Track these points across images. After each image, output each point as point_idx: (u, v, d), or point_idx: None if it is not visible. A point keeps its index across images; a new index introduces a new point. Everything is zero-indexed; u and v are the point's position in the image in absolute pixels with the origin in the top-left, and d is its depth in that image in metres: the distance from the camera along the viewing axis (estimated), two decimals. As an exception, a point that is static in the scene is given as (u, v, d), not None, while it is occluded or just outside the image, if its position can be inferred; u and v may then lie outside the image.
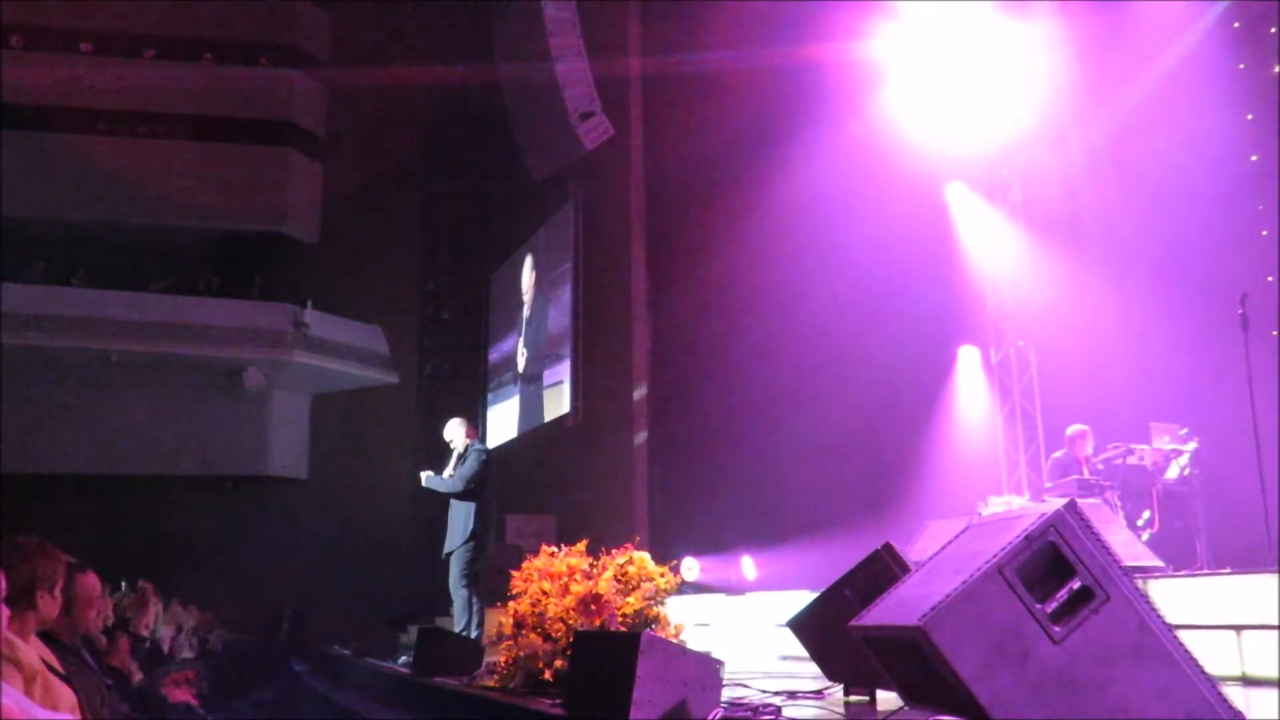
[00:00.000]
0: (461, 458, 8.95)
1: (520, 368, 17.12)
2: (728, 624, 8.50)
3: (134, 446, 18.23)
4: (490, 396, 18.61)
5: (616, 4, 14.11)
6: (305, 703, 10.38)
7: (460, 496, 8.76)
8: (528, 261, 17.18)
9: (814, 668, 4.83)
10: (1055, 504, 2.96)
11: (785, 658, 7.07)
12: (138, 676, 6.39)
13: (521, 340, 17.13)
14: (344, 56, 20.70)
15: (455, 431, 9.15)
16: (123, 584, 11.22)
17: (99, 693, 3.70)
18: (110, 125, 19.53)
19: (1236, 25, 8.71)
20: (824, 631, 4.48)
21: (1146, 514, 8.10)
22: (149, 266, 19.33)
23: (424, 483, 8.99)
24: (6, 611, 2.63)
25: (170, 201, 19.03)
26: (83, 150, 18.83)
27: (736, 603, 8.83)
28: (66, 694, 3.09)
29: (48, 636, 3.47)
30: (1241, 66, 8.59)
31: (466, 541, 8.69)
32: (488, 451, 9.12)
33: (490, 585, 9.47)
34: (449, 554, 8.81)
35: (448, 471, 8.97)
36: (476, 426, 9.22)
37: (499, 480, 17.49)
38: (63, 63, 19.23)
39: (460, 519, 8.80)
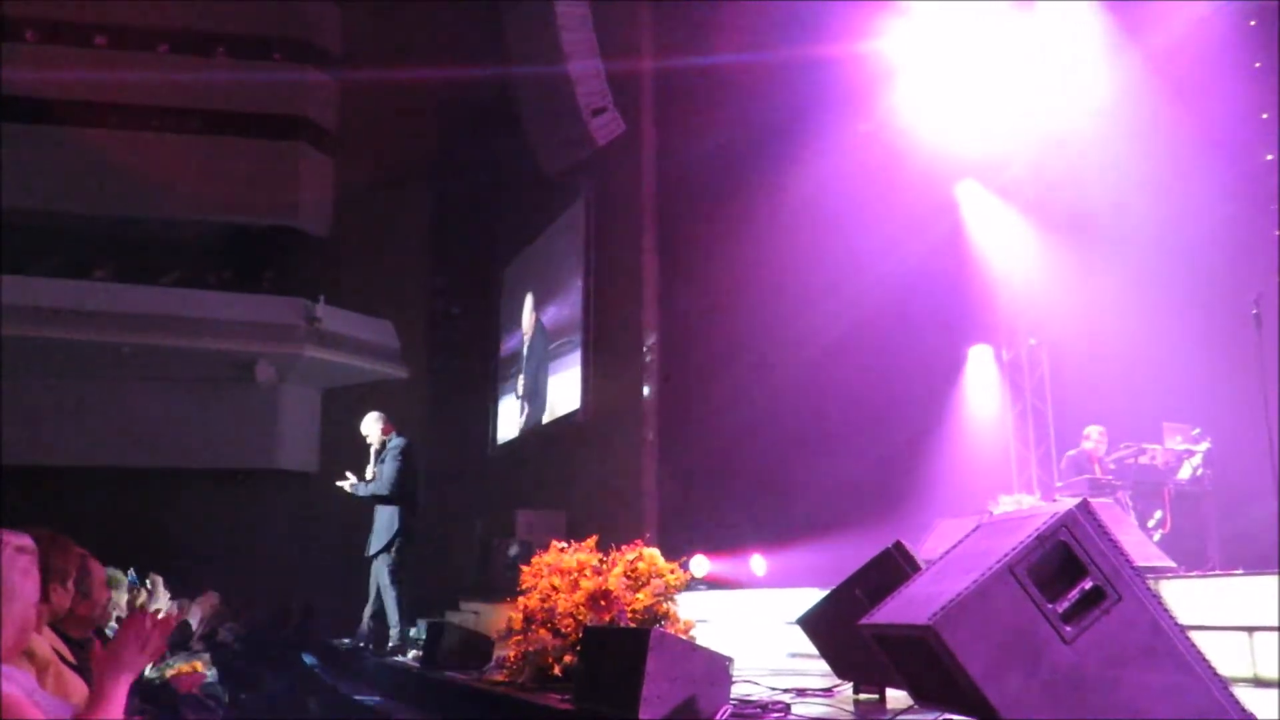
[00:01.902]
0: (380, 456, 8.83)
1: (519, 392, 17.24)
2: (734, 621, 8.49)
3: (145, 440, 18.29)
4: (500, 390, 18.65)
5: (628, 1, 14.10)
6: (315, 695, 10.40)
7: (388, 498, 8.71)
8: (528, 301, 17.28)
9: (823, 665, 4.83)
10: (1067, 503, 2.95)
11: (795, 655, 7.07)
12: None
13: (521, 378, 17.22)
14: (356, 52, 20.74)
15: (372, 427, 9.01)
16: (128, 574, 11.21)
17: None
18: (123, 120, 19.61)
19: (1252, 23, 8.67)
20: (834, 629, 4.47)
21: (1158, 514, 8.09)
22: (161, 260, 19.39)
23: (349, 489, 8.84)
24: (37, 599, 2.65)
25: (182, 195, 19.10)
26: (96, 144, 18.91)
27: (741, 599, 8.81)
28: (79, 685, 3.11)
29: (58, 630, 3.49)
30: (1257, 65, 8.56)
31: (392, 542, 8.72)
32: (407, 447, 8.96)
33: (500, 580, 9.50)
34: (375, 555, 8.80)
35: (369, 471, 8.86)
36: (394, 421, 9.15)
37: (509, 476, 17.56)
38: (76, 57, 19.31)
39: (385, 519, 8.80)
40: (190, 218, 19.58)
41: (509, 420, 17.93)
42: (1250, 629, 4.56)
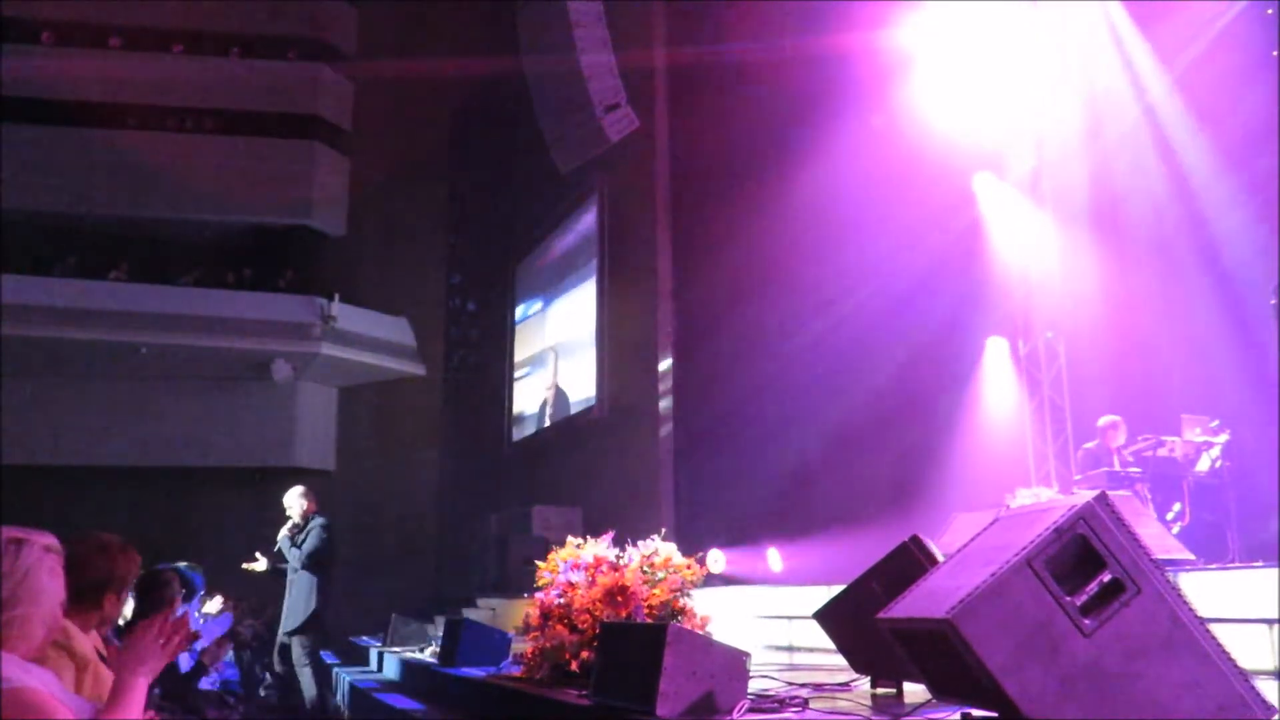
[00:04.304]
0: (299, 529, 8.84)
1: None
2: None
3: (163, 438, 18.40)
4: (515, 388, 18.68)
5: (642, -4, 14.11)
6: (333, 692, 10.46)
7: (305, 569, 8.73)
8: (550, 361, 17.32)
9: (801, 658, 4.82)
10: (1085, 496, 2.94)
11: (769, 647, 7.15)
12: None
13: (549, 419, 17.24)
14: (370, 50, 20.80)
15: (295, 501, 8.95)
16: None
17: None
18: (138, 120, 19.71)
19: (1270, 12, 8.60)
20: (851, 623, 4.47)
21: (1177, 506, 8.03)
22: (178, 259, 19.51)
23: (279, 539, 8.92)
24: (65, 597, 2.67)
25: (197, 195, 19.18)
26: (110, 145, 19.00)
27: (713, 597, 8.77)
28: (116, 683, 3.14)
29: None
30: (1275, 53, 8.48)
31: (308, 620, 8.70)
32: (329, 524, 9.00)
33: (517, 576, 9.51)
34: (290, 633, 8.77)
35: (281, 545, 8.89)
36: (318, 498, 9.17)
37: (525, 472, 17.61)
38: (91, 58, 19.40)
39: (303, 595, 8.76)
40: (206, 217, 19.68)
41: (525, 417, 17.98)
42: (1271, 621, 4.53)
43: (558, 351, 16.94)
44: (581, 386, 15.22)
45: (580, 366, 15.33)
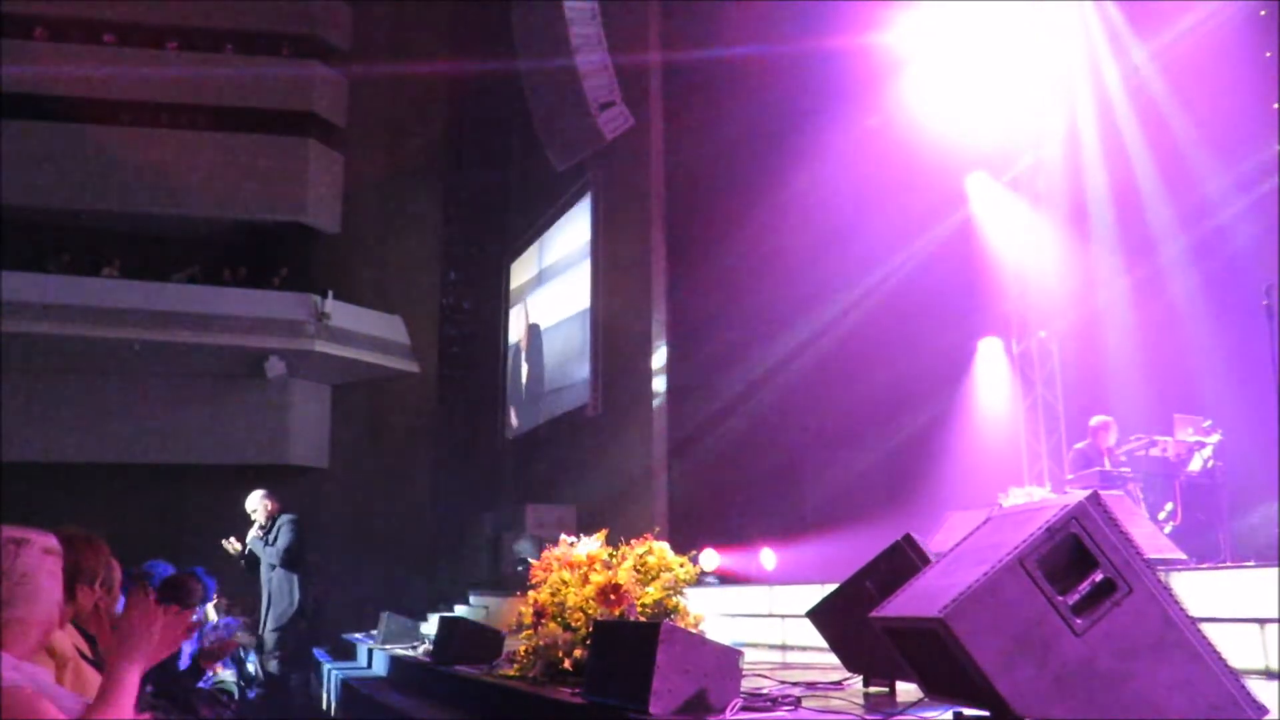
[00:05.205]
0: (267, 530, 9.09)
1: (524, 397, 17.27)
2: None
3: (155, 436, 18.35)
4: (509, 386, 18.69)
5: (637, -6, 14.09)
6: (326, 689, 10.46)
7: (283, 566, 9.00)
8: (521, 309, 17.31)
9: (793, 656, 4.83)
10: (1077, 495, 2.94)
11: (762, 645, 7.18)
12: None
13: (525, 392, 17.21)
14: (365, 47, 20.76)
15: (257, 504, 9.22)
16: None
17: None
18: (132, 116, 19.62)
19: (1263, 14, 8.62)
20: (844, 622, 4.48)
21: (1169, 506, 8.05)
22: (171, 257, 19.45)
23: (248, 542, 9.17)
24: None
25: (191, 192, 19.13)
26: (104, 141, 18.94)
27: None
28: (97, 681, 3.12)
29: (78, 626, 3.51)
30: (1268, 54, 8.51)
31: (294, 615, 9.05)
32: (297, 519, 9.26)
33: (511, 575, 9.52)
34: (276, 629, 9.05)
35: (252, 534, 9.16)
36: (280, 500, 9.40)
37: (519, 470, 17.60)
38: (85, 54, 19.35)
39: (284, 591, 9.06)
40: (199, 214, 19.62)
41: (519, 415, 17.97)
42: (1263, 621, 4.54)
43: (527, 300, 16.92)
44: (575, 385, 15.23)
45: (573, 363, 15.34)
